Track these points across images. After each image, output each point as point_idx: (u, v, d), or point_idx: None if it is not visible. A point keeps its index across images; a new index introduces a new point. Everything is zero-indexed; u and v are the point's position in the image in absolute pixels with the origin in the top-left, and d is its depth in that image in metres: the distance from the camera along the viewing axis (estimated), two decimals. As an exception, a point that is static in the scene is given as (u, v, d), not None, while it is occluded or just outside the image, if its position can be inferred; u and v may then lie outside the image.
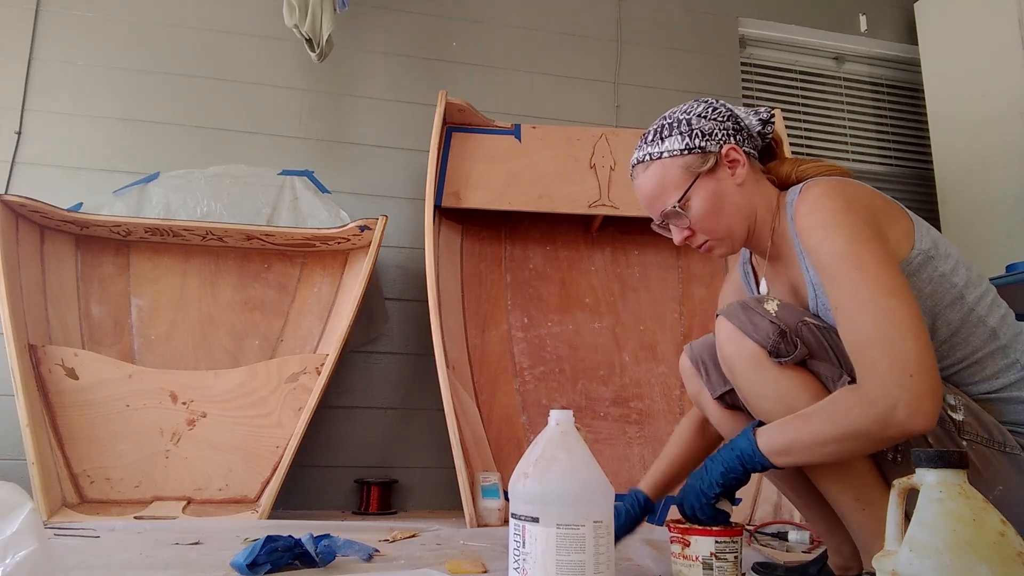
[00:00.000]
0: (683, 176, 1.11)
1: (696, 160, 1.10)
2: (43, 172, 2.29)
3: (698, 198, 1.10)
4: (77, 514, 1.80)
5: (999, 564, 0.67)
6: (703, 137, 1.11)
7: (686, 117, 1.13)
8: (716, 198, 1.10)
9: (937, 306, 1.00)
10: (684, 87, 2.85)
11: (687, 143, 1.11)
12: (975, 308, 1.01)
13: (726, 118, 1.13)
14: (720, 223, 1.12)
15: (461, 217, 2.40)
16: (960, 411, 0.99)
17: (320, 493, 2.26)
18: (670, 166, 1.11)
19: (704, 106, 1.14)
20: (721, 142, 1.11)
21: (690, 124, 1.12)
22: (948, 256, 1.02)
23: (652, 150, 1.14)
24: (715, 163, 1.10)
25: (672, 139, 1.12)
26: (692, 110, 1.14)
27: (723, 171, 1.11)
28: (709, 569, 0.99)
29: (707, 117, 1.13)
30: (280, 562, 1.18)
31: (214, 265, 2.27)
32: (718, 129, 1.12)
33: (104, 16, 2.44)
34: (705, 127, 1.11)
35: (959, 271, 1.01)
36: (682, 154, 1.11)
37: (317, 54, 2.33)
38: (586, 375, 2.33)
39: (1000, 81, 2.65)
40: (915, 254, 0.99)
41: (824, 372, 1.01)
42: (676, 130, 1.12)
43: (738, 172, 1.11)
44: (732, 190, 1.11)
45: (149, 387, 2.00)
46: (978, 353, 1.01)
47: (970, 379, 1.02)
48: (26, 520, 0.79)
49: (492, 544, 1.55)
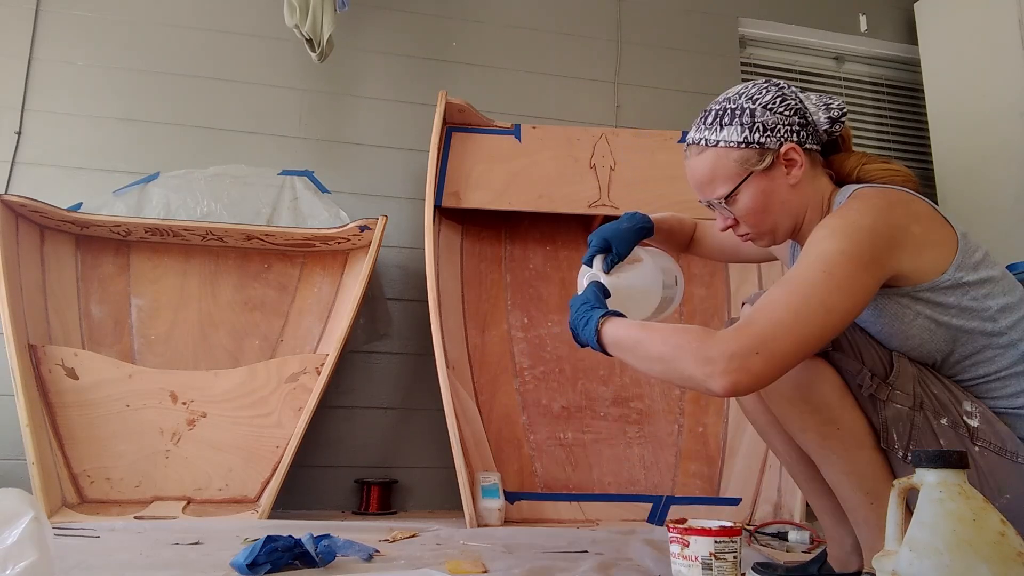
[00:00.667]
0: (736, 170, 1.07)
1: (753, 156, 1.06)
2: (43, 172, 2.29)
3: (747, 195, 1.08)
4: (77, 514, 1.80)
5: (999, 564, 0.67)
6: (764, 132, 1.06)
7: (751, 106, 1.07)
8: (765, 197, 1.08)
9: (963, 327, 1.00)
10: (684, 87, 2.85)
11: (746, 136, 1.06)
12: (1007, 332, 1.00)
13: (793, 112, 1.07)
14: (765, 220, 1.10)
15: (461, 217, 2.40)
16: (976, 418, 0.99)
17: (320, 493, 2.26)
18: (724, 157, 1.07)
19: (772, 95, 1.08)
20: (782, 139, 1.06)
21: (753, 116, 1.06)
22: (989, 281, 1.00)
23: (709, 135, 1.09)
24: (772, 162, 1.06)
25: (732, 128, 1.07)
26: (759, 98, 1.08)
27: (779, 170, 1.07)
28: (708, 569, 1.00)
29: (772, 109, 1.07)
30: (280, 562, 1.19)
31: (214, 265, 2.27)
32: (781, 125, 1.06)
33: (104, 16, 2.44)
34: (768, 120, 1.06)
35: (996, 296, 1.00)
36: (739, 147, 1.06)
37: (318, 54, 2.33)
38: (586, 375, 2.33)
39: (1000, 81, 2.65)
40: (944, 279, 0.98)
41: (845, 366, 1.01)
42: (738, 119, 1.07)
43: (793, 173, 1.07)
44: (784, 190, 1.08)
45: (149, 387, 2.00)
46: (1003, 372, 1.01)
47: (991, 393, 1.02)
48: (27, 530, 0.78)
49: (492, 544, 1.55)
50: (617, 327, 1.03)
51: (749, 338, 0.89)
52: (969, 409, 0.99)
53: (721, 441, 2.25)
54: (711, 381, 0.89)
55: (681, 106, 2.82)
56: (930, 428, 0.99)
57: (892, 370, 1.00)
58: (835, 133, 1.11)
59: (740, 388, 0.89)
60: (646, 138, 2.39)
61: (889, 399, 0.99)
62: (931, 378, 1.02)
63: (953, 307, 0.99)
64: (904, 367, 1.01)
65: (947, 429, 0.98)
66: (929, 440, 0.98)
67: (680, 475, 2.19)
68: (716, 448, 2.24)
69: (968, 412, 0.99)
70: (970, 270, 0.99)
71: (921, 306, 1.00)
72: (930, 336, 1.01)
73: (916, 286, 0.98)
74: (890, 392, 0.99)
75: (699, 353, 0.90)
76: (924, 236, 0.98)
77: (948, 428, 0.98)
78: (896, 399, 0.99)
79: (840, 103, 1.10)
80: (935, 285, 0.98)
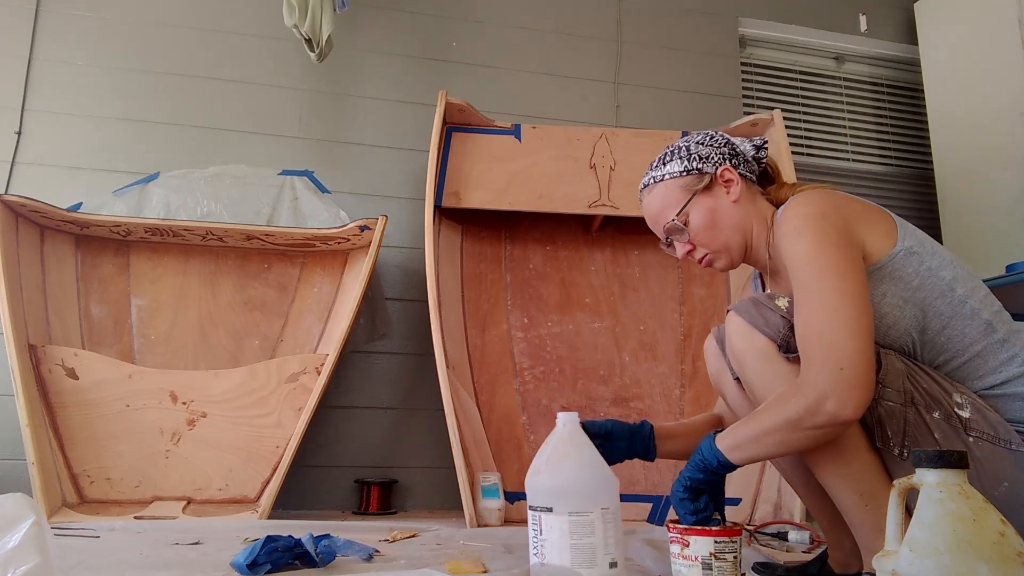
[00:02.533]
0: (681, 194, 1.22)
1: (693, 180, 1.22)
2: (43, 172, 2.29)
3: (696, 213, 1.21)
4: (77, 514, 1.80)
5: (999, 564, 0.67)
6: (700, 160, 1.22)
7: (685, 144, 1.26)
8: (712, 213, 1.21)
9: (927, 298, 1.05)
10: (684, 87, 2.85)
11: (685, 165, 1.23)
12: (967, 300, 1.05)
13: (722, 144, 1.25)
14: (717, 237, 1.21)
15: (461, 217, 2.40)
16: (967, 408, 1.00)
17: (320, 493, 2.26)
18: (671, 186, 1.23)
19: (702, 136, 1.27)
20: (717, 164, 1.22)
21: (688, 150, 1.24)
22: (935, 253, 1.07)
23: (655, 174, 1.26)
24: (710, 182, 1.22)
25: (673, 163, 1.24)
26: (691, 139, 1.26)
27: (719, 189, 1.22)
28: (708, 569, 1.00)
29: (704, 144, 1.25)
30: (280, 562, 1.18)
31: (214, 265, 2.27)
32: (714, 153, 1.23)
33: (104, 16, 2.44)
34: (702, 152, 1.23)
35: (946, 267, 1.06)
36: (681, 175, 1.23)
37: (317, 54, 2.33)
38: (586, 375, 2.33)
39: (1000, 81, 2.65)
40: (898, 250, 1.05)
41: None
42: (676, 155, 1.24)
43: (732, 190, 1.21)
44: (727, 206, 1.21)
45: (149, 387, 2.00)
46: (976, 346, 1.04)
47: (974, 374, 1.04)
48: (28, 534, 0.78)
49: (492, 544, 1.55)
50: (726, 436, 1.04)
51: (823, 365, 0.94)
52: (959, 400, 1.01)
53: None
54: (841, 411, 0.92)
55: (681, 106, 2.82)
56: (923, 423, 0.99)
57: (880, 368, 1.01)
58: (762, 159, 1.27)
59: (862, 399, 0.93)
60: (646, 138, 2.39)
61: (880, 397, 1.00)
62: (919, 372, 1.03)
63: (914, 278, 1.04)
64: (892, 364, 1.02)
65: (940, 422, 0.99)
66: (924, 434, 0.99)
67: (680, 475, 2.19)
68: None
69: (959, 404, 1.00)
70: (916, 243, 1.07)
71: (887, 284, 1.05)
72: (900, 313, 1.05)
73: (878, 262, 1.04)
74: (881, 390, 1.00)
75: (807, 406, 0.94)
76: (866, 212, 1.08)
77: (941, 421, 0.99)
78: (887, 396, 1.00)
79: (762, 139, 1.27)
80: (892, 257, 1.04)
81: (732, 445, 1.02)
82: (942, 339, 1.05)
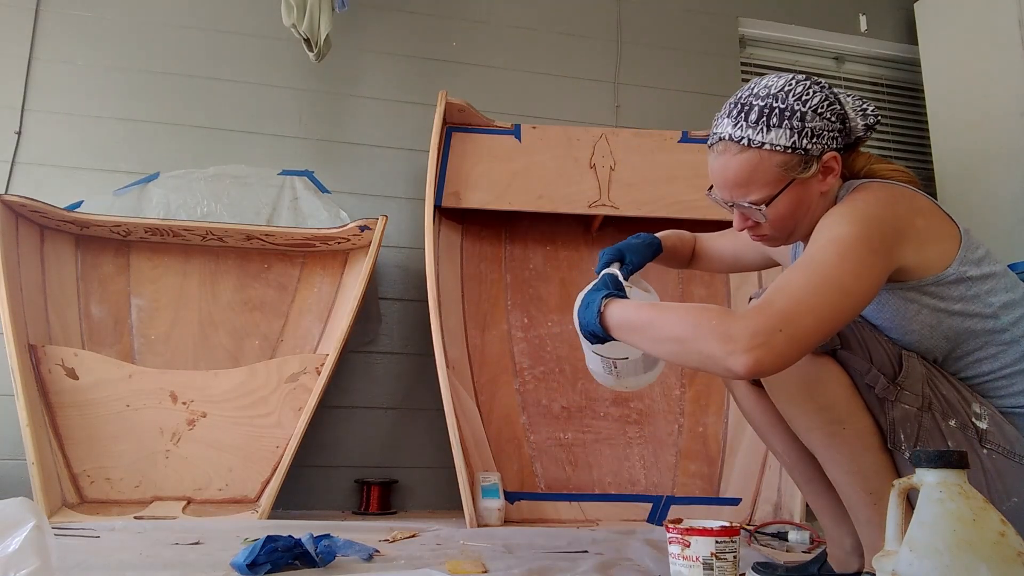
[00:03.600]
0: (779, 175, 1.02)
1: (798, 161, 1.01)
2: (43, 172, 2.29)
3: (783, 201, 1.03)
4: (77, 514, 1.80)
5: (999, 564, 0.67)
6: (812, 138, 1.01)
7: (801, 109, 1.01)
8: (798, 204, 1.04)
9: (965, 322, 1.00)
10: (684, 87, 2.85)
11: (795, 141, 1.00)
12: (1010, 329, 1.01)
13: (838, 118, 1.04)
14: (789, 225, 1.07)
15: (461, 217, 2.40)
16: (985, 420, 0.99)
17: (320, 493, 2.26)
18: (767, 160, 1.01)
19: (820, 98, 1.03)
20: (826, 146, 1.02)
21: (803, 119, 1.01)
22: (991, 276, 1.01)
23: (753, 135, 1.01)
24: (814, 170, 1.03)
25: (780, 131, 1.00)
26: (808, 100, 1.02)
27: (816, 177, 1.04)
28: (710, 569, 0.99)
29: (821, 114, 1.02)
30: (280, 562, 1.18)
31: (214, 265, 2.27)
32: (827, 131, 1.02)
33: (104, 16, 2.44)
34: (817, 126, 1.01)
35: (999, 292, 1.00)
36: (786, 151, 1.01)
37: (315, 54, 2.33)
38: (586, 375, 2.32)
39: (1000, 81, 2.65)
40: (949, 273, 0.99)
41: (854, 365, 1.01)
42: (787, 122, 1.01)
43: (828, 180, 1.04)
44: (815, 197, 1.05)
45: (149, 387, 2.00)
46: (1007, 370, 1.01)
47: (997, 392, 1.03)
48: (29, 537, 0.78)
49: (492, 544, 1.55)
50: (625, 308, 0.99)
51: (771, 316, 0.86)
52: (978, 411, 0.99)
53: (721, 441, 2.25)
54: (732, 359, 0.85)
55: (681, 106, 2.82)
56: (938, 429, 0.98)
57: (901, 370, 1.00)
58: (866, 139, 1.09)
59: (763, 366, 0.85)
60: (646, 138, 2.39)
61: (897, 399, 0.99)
62: (940, 379, 1.01)
63: (957, 302, 0.99)
64: (913, 367, 1.00)
65: (955, 431, 0.98)
66: (937, 441, 0.98)
67: (680, 475, 2.19)
68: (716, 448, 2.24)
69: (977, 414, 0.99)
70: (973, 265, 1.00)
71: (926, 299, 1.00)
72: (930, 332, 1.01)
73: (921, 280, 0.99)
74: (899, 392, 0.99)
75: (719, 331, 0.87)
76: (928, 230, 0.99)
77: (956, 430, 0.98)
78: (904, 399, 0.99)
79: (874, 109, 1.09)
80: (940, 279, 0.99)
81: (620, 323, 0.99)
82: (970, 359, 1.03)
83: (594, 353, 1.14)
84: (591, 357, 1.17)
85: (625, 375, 1.17)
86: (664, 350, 0.95)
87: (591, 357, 1.17)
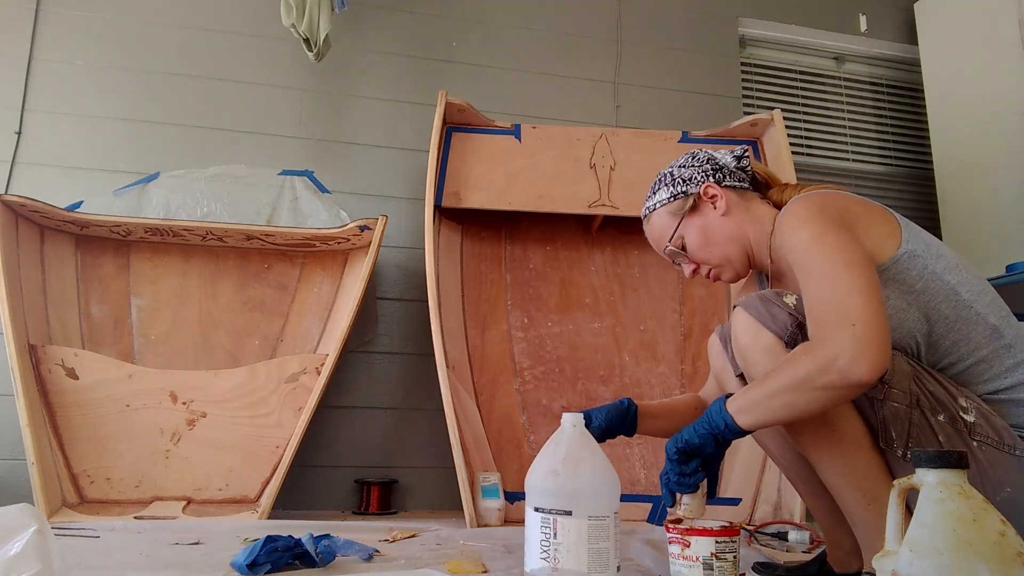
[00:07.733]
0: (672, 219, 1.28)
1: (680, 203, 1.27)
2: (43, 172, 2.29)
3: (689, 234, 1.27)
4: (77, 514, 1.80)
5: (999, 564, 0.67)
6: (684, 183, 1.27)
7: (669, 171, 1.31)
8: (703, 231, 1.25)
9: (931, 301, 1.04)
10: (684, 87, 2.85)
11: (671, 191, 1.28)
12: (972, 305, 1.04)
13: (704, 162, 1.29)
14: (714, 252, 1.25)
15: (461, 217, 2.40)
16: (971, 413, 1.00)
17: (320, 493, 2.26)
18: (662, 214, 1.30)
19: (684, 158, 1.32)
20: (699, 183, 1.26)
21: (672, 175, 1.29)
22: (940, 256, 1.06)
23: (648, 204, 1.32)
24: (696, 202, 1.26)
25: (660, 191, 1.30)
26: (675, 164, 1.32)
27: (706, 206, 1.26)
28: (710, 569, 1.00)
29: (686, 166, 1.29)
30: (280, 562, 1.19)
31: (214, 265, 2.27)
32: (696, 173, 1.27)
33: (104, 16, 2.44)
34: (685, 174, 1.28)
35: (952, 270, 1.05)
36: (669, 201, 1.28)
37: (314, 54, 2.33)
38: (586, 375, 2.33)
39: (1000, 81, 2.65)
40: (901, 252, 1.04)
41: None
42: (663, 183, 1.30)
43: (719, 204, 1.25)
44: (717, 221, 1.25)
45: (149, 387, 2.00)
46: (982, 350, 1.03)
47: (978, 378, 1.04)
48: (30, 542, 0.79)
49: (492, 544, 1.55)
50: (735, 400, 1.01)
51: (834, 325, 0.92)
52: (965, 404, 1.00)
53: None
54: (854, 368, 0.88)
55: (681, 106, 2.82)
56: (928, 425, 0.99)
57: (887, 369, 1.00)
58: (746, 168, 1.30)
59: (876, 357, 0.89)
60: (646, 138, 2.39)
61: (886, 398, 1.00)
62: (926, 375, 1.03)
63: (917, 281, 1.04)
64: (899, 365, 1.01)
65: (945, 425, 0.99)
66: (928, 437, 0.99)
67: (680, 475, 2.19)
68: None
69: (964, 408, 1.00)
70: (921, 245, 1.05)
71: (890, 287, 1.04)
72: (904, 315, 1.04)
73: (879, 266, 1.03)
74: (887, 391, 1.00)
75: (818, 364, 0.91)
76: (867, 214, 1.07)
77: (946, 424, 0.99)
78: (893, 397, 1.00)
79: (744, 150, 1.30)
80: (896, 260, 1.03)
81: (740, 408, 1.00)
82: (947, 343, 1.04)
83: None
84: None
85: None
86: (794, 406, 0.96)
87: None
